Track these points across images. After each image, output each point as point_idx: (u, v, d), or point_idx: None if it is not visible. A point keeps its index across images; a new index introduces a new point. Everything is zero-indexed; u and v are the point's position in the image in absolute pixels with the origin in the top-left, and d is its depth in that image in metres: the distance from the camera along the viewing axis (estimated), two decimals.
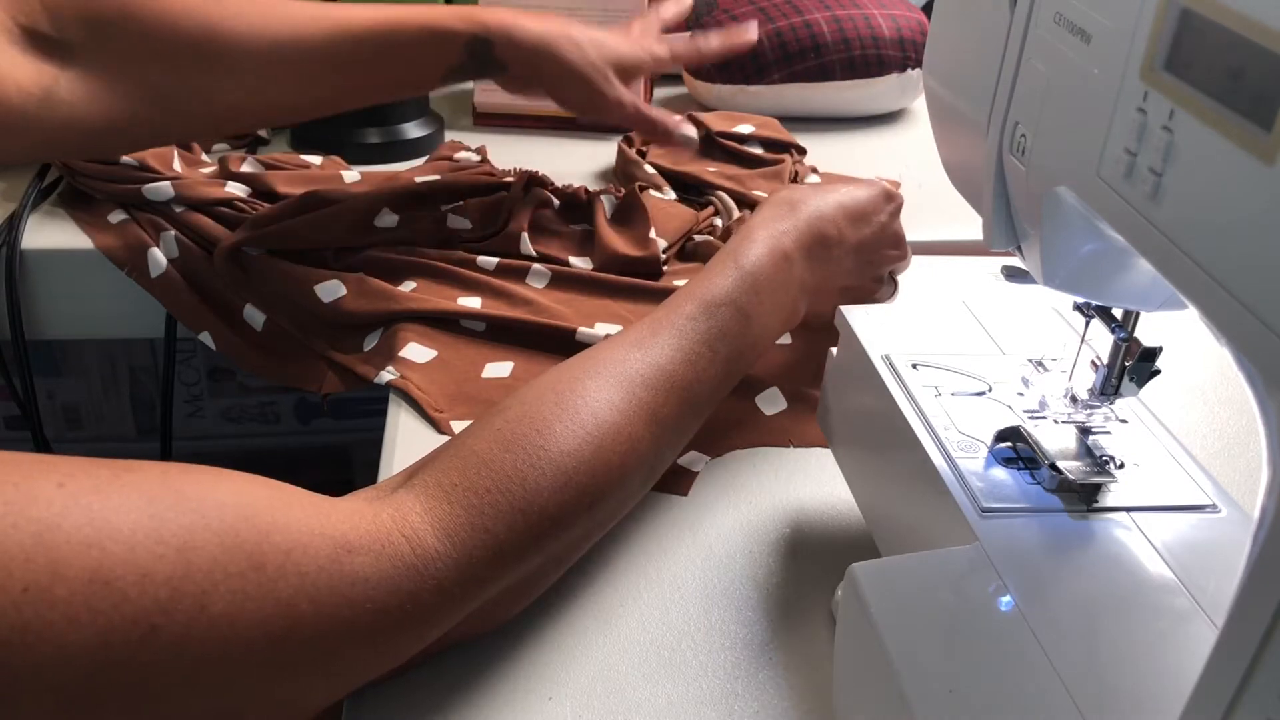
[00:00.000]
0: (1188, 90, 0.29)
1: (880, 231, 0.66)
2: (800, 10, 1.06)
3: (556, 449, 0.47)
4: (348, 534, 0.40)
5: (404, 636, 0.42)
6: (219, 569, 0.36)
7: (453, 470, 0.45)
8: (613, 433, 0.49)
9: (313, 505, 0.41)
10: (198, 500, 0.37)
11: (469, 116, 1.04)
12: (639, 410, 0.51)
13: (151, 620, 0.34)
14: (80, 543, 0.33)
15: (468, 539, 0.43)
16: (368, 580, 0.40)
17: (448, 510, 0.44)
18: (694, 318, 0.55)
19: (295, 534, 0.39)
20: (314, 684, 0.40)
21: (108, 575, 0.33)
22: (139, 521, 0.35)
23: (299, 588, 0.38)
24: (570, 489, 0.47)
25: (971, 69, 0.44)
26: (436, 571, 0.42)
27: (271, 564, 0.37)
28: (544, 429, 0.47)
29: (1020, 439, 0.46)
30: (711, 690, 0.48)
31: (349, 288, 0.72)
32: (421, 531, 0.43)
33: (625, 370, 0.52)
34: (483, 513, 0.44)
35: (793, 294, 0.61)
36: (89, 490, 0.35)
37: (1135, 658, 0.38)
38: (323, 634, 0.39)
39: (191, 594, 0.35)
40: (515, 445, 0.46)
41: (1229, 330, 0.28)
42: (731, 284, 0.57)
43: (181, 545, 0.35)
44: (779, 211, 0.62)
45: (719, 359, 0.55)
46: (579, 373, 0.51)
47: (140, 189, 0.78)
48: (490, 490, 0.45)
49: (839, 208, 0.64)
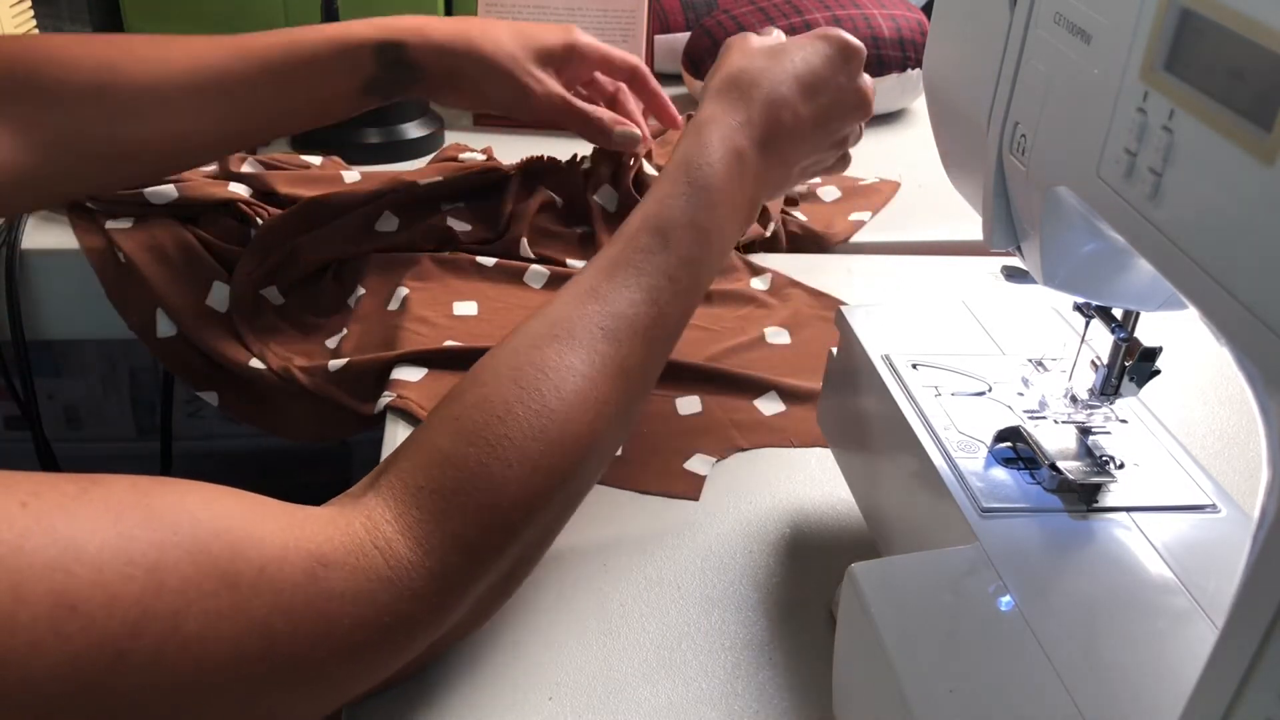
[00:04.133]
0: (1188, 90, 0.29)
1: (839, 96, 0.61)
2: (800, 10, 1.06)
3: (520, 436, 0.45)
4: (322, 547, 0.39)
5: (385, 648, 0.41)
6: (191, 588, 0.35)
7: (417, 470, 0.44)
8: (579, 403, 0.47)
9: (286, 517, 0.40)
10: (169, 516, 0.36)
11: (469, 116, 1.04)
12: (604, 369, 0.48)
13: (120, 644, 0.33)
14: (44, 565, 0.32)
15: (440, 546, 0.42)
16: (343, 595, 0.39)
17: (417, 517, 0.42)
18: (650, 249, 0.52)
19: (269, 549, 0.38)
20: (296, 701, 0.39)
21: (74, 599, 0.32)
22: (106, 541, 0.33)
23: (274, 605, 0.37)
24: (540, 474, 0.45)
25: (971, 69, 0.44)
26: (411, 582, 0.41)
27: (245, 582, 0.36)
28: (505, 415, 0.45)
29: (1020, 439, 0.46)
30: (711, 691, 0.48)
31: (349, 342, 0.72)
32: (394, 541, 0.41)
33: (585, 327, 0.49)
34: (451, 516, 0.43)
35: (749, 193, 0.57)
36: (54, 508, 0.33)
37: (1135, 658, 0.38)
38: (300, 650, 0.38)
39: (163, 615, 0.34)
40: (477, 438, 0.44)
41: (1229, 330, 0.28)
42: (686, 202, 0.53)
43: (151, 565, 0.34)
44: (730, 101, 0.57)
45: (681, 289, 0.52)
46: (536, 339, 0.48)
47: (142, 193, 0.78)
48: (456, 491, 0.43)
49: (795, 83, 0.59)
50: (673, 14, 1.15)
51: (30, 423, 0.84)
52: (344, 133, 0.93)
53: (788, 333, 0.74)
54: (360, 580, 0.40)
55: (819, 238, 0.86)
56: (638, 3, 1.01)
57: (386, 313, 0.73)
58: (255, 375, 0.72)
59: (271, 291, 0.77)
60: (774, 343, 0.73)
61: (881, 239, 0.87)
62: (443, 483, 0.43)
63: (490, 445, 0.44)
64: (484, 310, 0.73)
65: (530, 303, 0.75)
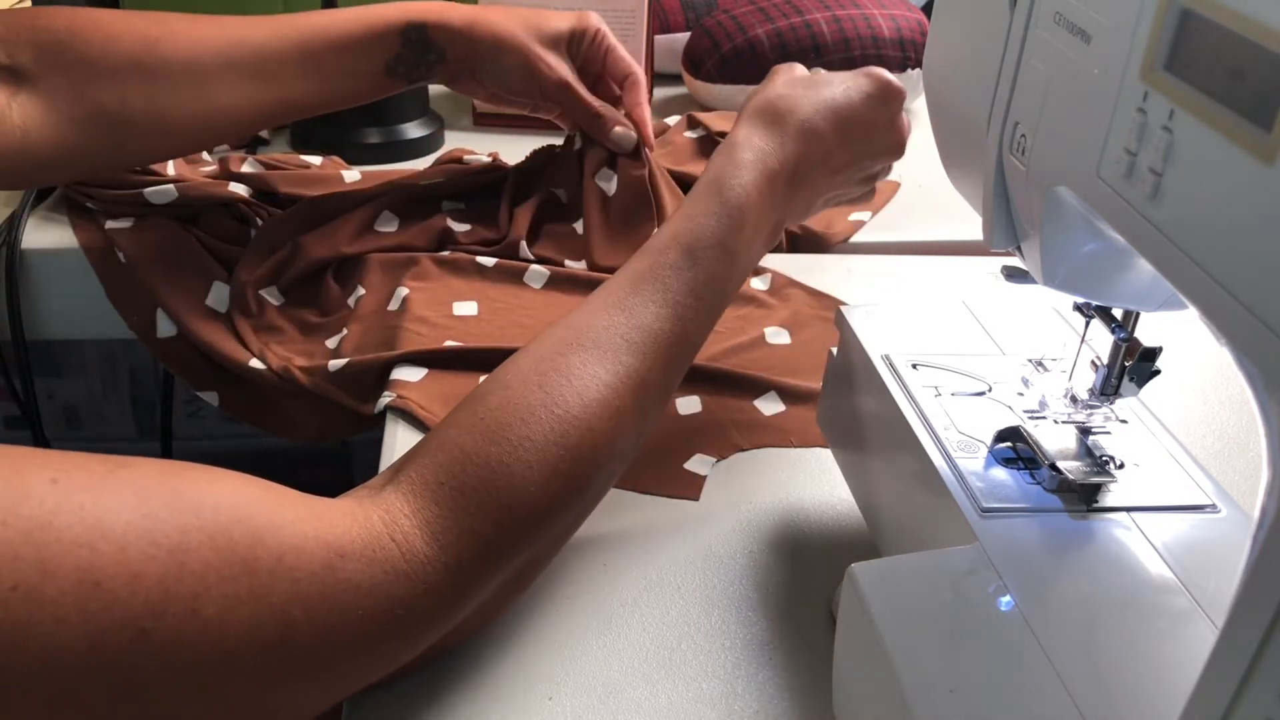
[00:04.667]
0: (1188, 90, 0.29)
1: (874, 135, 0.61)
2: (800, 10, 1.06)
3: (542, 438, 0.45)
4: (340, 538, 0.40)
5: (397, 641, 0.42)
6: (212, 572, 0.35)
7: (439, 467, 0.44)
8: (600, 411, 0.47)
9: (306, 508, 0.40)
10: (193, 500, 0.36)
11: (469, 116, 1.04)
12: (626, 381, 0.49)
13: (142, 623, 0.33)
14: (71, 542, 0.33)
15: (456, 542, 0.43)
16: (359, 587, 0.40)
17: (435, 512, 0.43)
18: (678, 267, 0.52)
19: (289, 538, 0.38)
20: (308, 689, 0.40)
21: (99, 576, 0.33)
22: (132, 521, 0.34)
23: (291, 594, 0.37)
24: (558, 479, 0.46)
25: (971, 69, 0.44)
26: (427, 576, 0.42)
27: (264, 568, 0.37)
28: (528, 417, 0.46)
29: (1020, 439, 0.46)
30: (711, 691, 0.48)
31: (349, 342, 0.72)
32: (411, 536, 0.42)
33: (610, 338, 0.49)
34: (469, 513, 0.43)
35: (777, 217, 0.57)
36: (82, 487, 0.34)
37: (1135, 658, 0.38)
38: (314, 639, 0.38)
39: (183, 597, 0.34)
40: (499, 437, 0.45)
41: (1229, 330, 0.28)
42: (716, 223, 0.53)
43: (174, 547, 0.35)
44: (765, 125, 0.58)
45: (704, 306, 0.53)
46: (561, 346, 0.49)
47: (142, 192, 0.78)
48: (475, 489, 0.44)
49: (832, 116, 0.58)
50: (673, 14, 1.15)
51: (30, 423, 0.84)
52: (344, 133, 0.93)
53: (788, 333, 0.74)
54: (376, 573, 0.40)
55: (819, 238, 0.86)
56: (638, 3, 1.01)
57: (386, 313, 0.73)
58: (255, 375, 0.72)
59: (271, 291, 0.77)
60: (774, 343, 0.73)
61: (881, 239, 0.87)
62: (463, 480, 0.44)
63: (512, 446, 0.45)
64: (484, 310, 0.73)
65: (530, 303, 0.75)
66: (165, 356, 0.75)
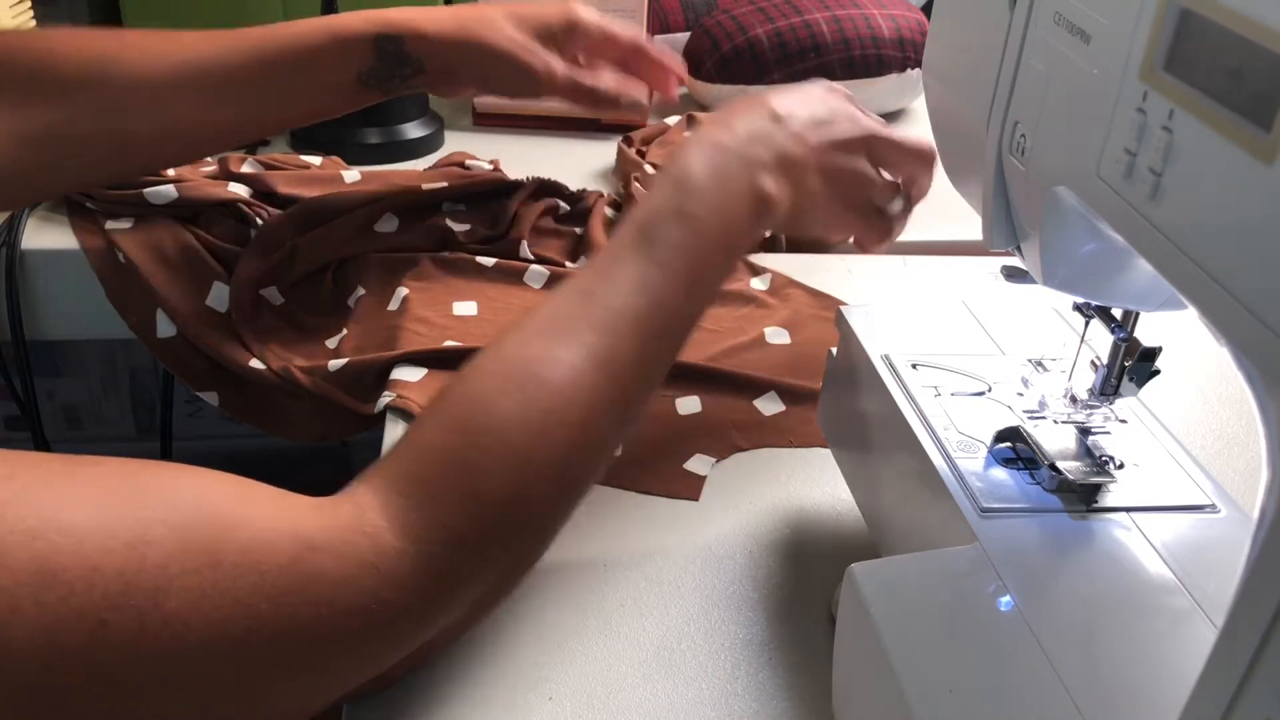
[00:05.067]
0: (1188, 90, 0.29)
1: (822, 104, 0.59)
2: (800, 10, 1.06)
3: (503, 424, 0.44)
4: (309, 532, 0.39)
5: (371, 636, 0.41)
6: (174, 564, 0.35)
7: (404, 459, 0.44)
8: (567, 391, 0.46)
9: (273, 501, 0.40)
10: (155, 493, 0.36)
11: (469, 116, 1.04)
12: (591, 360, 0.47)
13: (101, 614, 0.33)
14: (24, 533, 0.32)
15: (425, 534, 0.42)
16: (328, 580, 0.39)
17: (402, 505, 0.42)
18: (635, 242, 0.51)
19: (256, 530, 0.38)
20: (286, 687, 0.39)
21: (54, 566, 0.32)
22: (89, 515, 0.34)
23: (257, 586, 0.37)
24: (528, 465, 0.44)
25: (971, 69, 0.44)
26: (397, 569, 0.41)
27: (228, 561, 0.36)
28: (489, 406, 0.45)
29: (1020, 439, 0.46)
30: (711, 691, 0.48)
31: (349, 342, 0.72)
32: (380, 527, 0.41)
33: (573, 321, 0.48)
34: (436, 504, 0.42)
35: (746, 172, 0.55)
36: (38, 484, 0.34)
37: (1135, 658, 0.38)
38: (284, 634, 0.37)
39: (144, 590, 0.34)
40: (461, 427, 0.44)
41: (1229, 330, 0.28)
42: (666, 195, 0.53)
43: (134, 539, 0.34)
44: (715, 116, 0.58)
45: (676, 273, 0.51)
46: (525, 335, 0.48)
47: (142, 192, 0.78)
48: (436, 478, 0.43)
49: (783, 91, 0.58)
50: (673, 14, 1.15)
51: (30, 423, 0.84)
52: (344, 133, 0.93)
53: (787, 333, 0.74)
54: (346, 565, 0.40)
55: (819, 238, 0.86)
56: (638, 3, 1.01)
57: (386, 313, 0.73)
58: (255, 375, 0.72)
59: (271, 292, 0.77)
60: (774, 343, 0.73)
61: None
62: (426, 470, 0.43)
63: (471, 434, 0.44)
64: (484, 310, 0.73)
65: (530, 303, 0.75)
66: (165, 357, 0.75)
